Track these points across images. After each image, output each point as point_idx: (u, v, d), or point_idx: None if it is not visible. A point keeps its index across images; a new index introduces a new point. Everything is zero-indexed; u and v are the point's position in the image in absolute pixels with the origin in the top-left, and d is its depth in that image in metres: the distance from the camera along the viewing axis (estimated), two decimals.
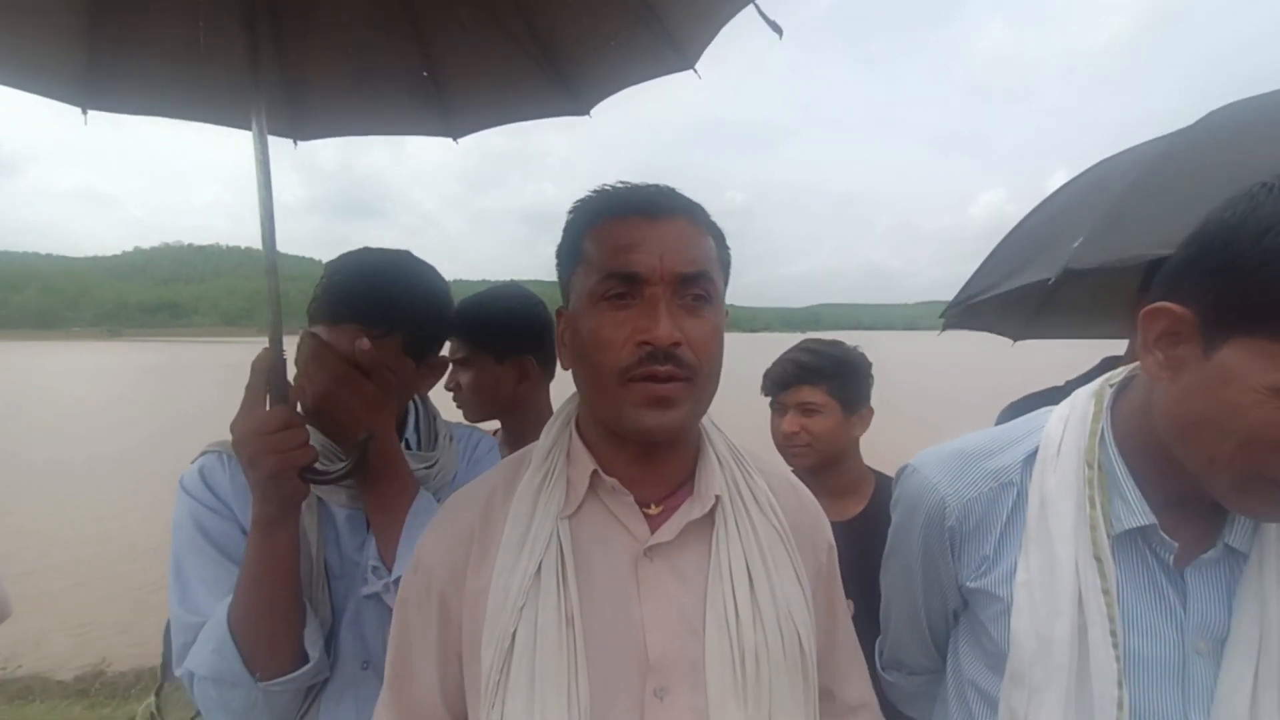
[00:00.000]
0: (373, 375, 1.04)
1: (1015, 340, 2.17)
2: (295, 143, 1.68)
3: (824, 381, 1.60)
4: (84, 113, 1.41)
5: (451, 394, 1.61)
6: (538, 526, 0.80)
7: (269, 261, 1.06)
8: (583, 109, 1.69)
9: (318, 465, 1.01)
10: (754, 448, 0.96)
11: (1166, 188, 1.29)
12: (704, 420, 0.89)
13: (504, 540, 0.81)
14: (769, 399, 1.70)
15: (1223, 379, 0.67)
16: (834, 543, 0.95)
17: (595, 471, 0.82)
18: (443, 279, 1.21)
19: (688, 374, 0.75)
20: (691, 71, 1.50)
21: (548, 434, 0.89)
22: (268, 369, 0.99)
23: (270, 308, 1.06)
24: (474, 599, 0.80)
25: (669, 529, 0.81)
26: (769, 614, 0.80)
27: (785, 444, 1.63)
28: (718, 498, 0.83)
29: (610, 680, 0.76)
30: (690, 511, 0.82)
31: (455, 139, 1.77)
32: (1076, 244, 1.28)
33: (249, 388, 0.97)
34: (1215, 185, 0.96)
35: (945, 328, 2.03)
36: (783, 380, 1.64)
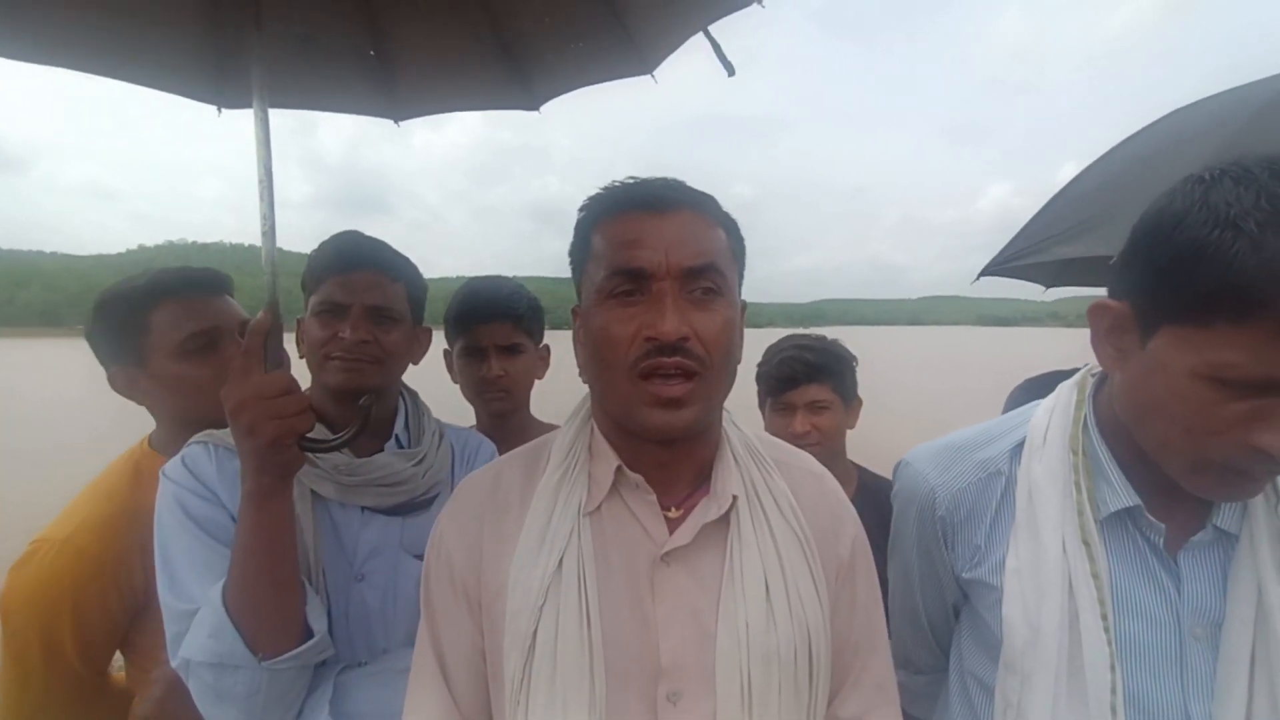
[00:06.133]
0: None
1: (1047, 288, 2.21)
2: (220, 110, 1.57)
3: (829, 378, 1.61)
4: None
5: (487, 382, 1.60)
6: (558, 521, 0.80)
7: (265, 218, 1.02)
8: (534, 104, 1.70)
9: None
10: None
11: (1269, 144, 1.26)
12: (724, 417, 0.89)
13: (523, 536, 0.80)
14: (769, 399, 1.67)
15: (1156, 367, 0.71)
16: (861, 533, 0.92)
17: (619, 468, 0.82)
18: None
19: (697, 367, 0.75)
20: (649, 77, 1.55)
21: (568, 429, 0.88)
22: (266, 332, 0.95)
23: (266, 269, 1.01)
24: (492, 597, 0.80)
25: (685, 532, 0.80)
26: (783, 620, 0.79)
27: (795, 445, 1.60)
28: (735, 498, 0.82)
29: (625, 683, 0.76)
30: (707, 512, 0.81)
31: (397, 121, 1.73)
32: None
33: (246, 352, 0.92)
34: None
35: (980, 276, 2.10)
36: (791, 379, 1.61)
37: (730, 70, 1.39)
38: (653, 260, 0.75)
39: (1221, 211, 0.65)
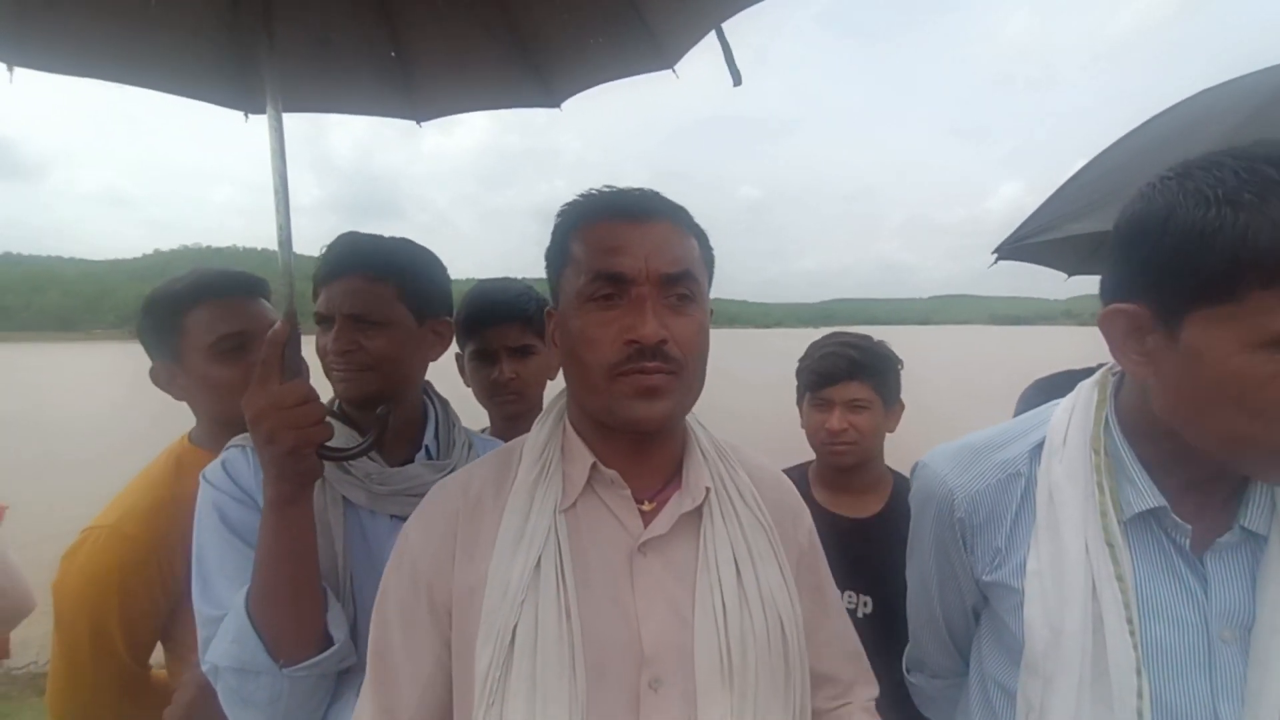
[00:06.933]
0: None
1: (1070, 275, 2.19)
2: (246, 116, 1.57)
3: (871, 378, 1.57)
4: (9, 69, 1.26)
5: (499, 385, 1.59)
6: (535, 520, 0.82)
7: (281, 228, 1.01)
8: (554, 101, 1.68)
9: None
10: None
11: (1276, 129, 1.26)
12: (689, 418, 0.92)
13: (500, 535, 0.82)
14: (808, 394, 1.65)
15: (1196, 358, 0.69)
16: (814, 526, 1.00)
17: (594, 465, 0.84)
18: (434, 255, 1.25)
19: (673, 369, 0.80)
20: (670, 71, 1.52)
21: (540, 430, 0.91)
22: (284, 342, 0.96)
23: (282, 279, 1.02)
24: (466, 595, 0.81)
25: (662, 522, 0.83)
26: (755, 603, 0.83)
27: (830, 441, 1.58)
28: (708, 489, 0.86)
29: (607, 673, 0.78)
30: (682, 504, 0.85)
31: (419, 122, 1.74)
32: None
33: (264, 362, 0.93)
34: None
35: (998, 259, 2.08)
36: (832, 375, 1.58)
37: (737, 79, 1.36)
38: (633, 266, 0.79)
39: (1209, 194, 0.67)
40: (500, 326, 1.58)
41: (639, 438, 0.84)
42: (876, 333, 1.71)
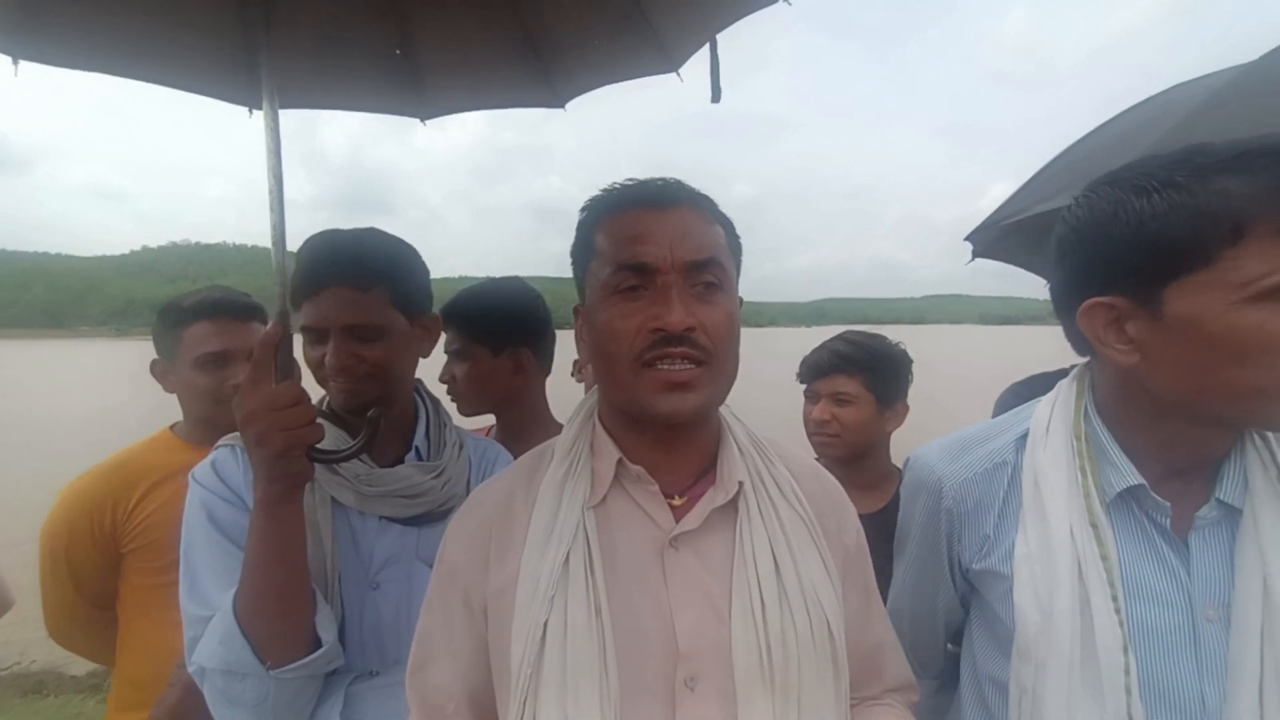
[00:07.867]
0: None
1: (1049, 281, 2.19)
2: (250, 111, 1.54)
3: (860, 373, 1.60)
4: (15, 63, 1.25)
5: (445, 386, 1.60)
6: (564, 517, 0.80)
7: (276, 228, 1.01)
8: (559, 102, 1.68)
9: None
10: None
11: (1225, 122, 1.28)
12: (723, 410, 0.89)
13: (530, 532, 0.81)
14: (803, 386, 1.70)
15: (1188, 325, 0.72)
16: (861, 526, 0.95)
17: (620, 460, 0.83)
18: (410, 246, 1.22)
19: (703, 357, 0.76)
20: (675, 75, 1.53)
21: (570, 427, 0.89)
22: (276, 344, 0.96)
23: (277, 279, 1.01)
24: (500, 594, 0.80)
25: (694, 517, 0.81)
26: (796, 600, 0.79)
27: (815, 432, 1.63)
28: (741, 484, 0.83)
29: (640, 670, 0.76)
30: (714, 499, 0.82)
31: (423, 120, 1.73)
32: None
33: (255, 363, 0.93)
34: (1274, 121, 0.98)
35: (974, 256, 2.06)
36: (819, 368, 1.64)
37: (716, 96, 1.38)
38: (657, 255, 0.77)
39: (1145, 184, 0.73)
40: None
41: (667, 432, 0.82)
42: (871, 332, 1.72)
